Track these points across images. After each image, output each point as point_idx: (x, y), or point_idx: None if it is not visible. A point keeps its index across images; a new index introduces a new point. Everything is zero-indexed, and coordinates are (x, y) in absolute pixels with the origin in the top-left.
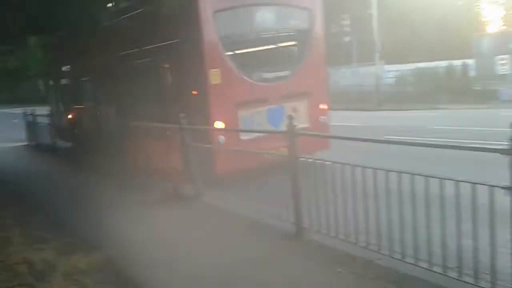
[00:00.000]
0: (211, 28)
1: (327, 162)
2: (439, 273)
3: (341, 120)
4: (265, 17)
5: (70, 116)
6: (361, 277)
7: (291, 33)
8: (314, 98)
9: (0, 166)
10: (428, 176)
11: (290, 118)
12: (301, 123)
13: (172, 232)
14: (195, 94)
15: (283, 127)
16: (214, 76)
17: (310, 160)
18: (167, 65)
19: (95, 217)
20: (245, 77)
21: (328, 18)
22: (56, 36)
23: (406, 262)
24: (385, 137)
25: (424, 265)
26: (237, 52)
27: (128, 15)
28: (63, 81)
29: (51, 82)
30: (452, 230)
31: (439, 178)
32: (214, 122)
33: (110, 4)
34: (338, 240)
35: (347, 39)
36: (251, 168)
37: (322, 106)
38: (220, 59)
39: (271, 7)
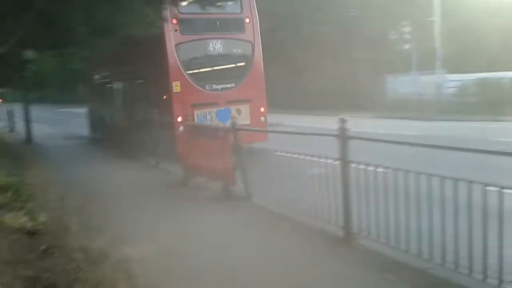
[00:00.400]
0: (174, 55)
1: (378, 169)
2: (494, 285)
3: (396, 128)
4: (215, 46)
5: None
6: (411, 286)
7: (235, 57)
8: (255, 103)
9: (65, 160)
10: (487, 185)
11: (233, 117)
12: (244, 121)
13: (219, 231)
14: (165, 98)
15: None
16: (176, 87)
17: (361, 166)
18: (151, 78)
19: (147, 211)
20: (199, 87)
21: (387, 25)
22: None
23: (459, 272)
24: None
25: (479, 276)
26: (193, 70)
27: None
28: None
29: (89, 85)
30: (510, 243)
31: (498, 187)
32: (177, 117)
33: None
34: (388, 247)
35: (406, 46)
36: None
37: (261, 109)
38: (181, 75)
39: (220, 39)
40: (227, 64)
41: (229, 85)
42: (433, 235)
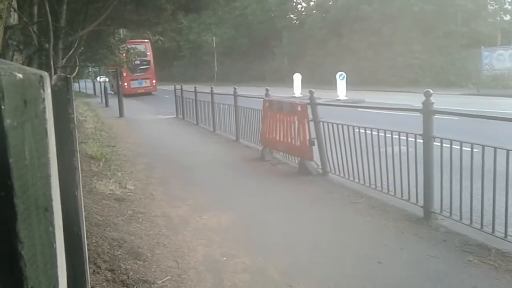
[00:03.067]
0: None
1: (464, 147)
2: None
3: (491, 107)
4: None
5: None
6: (494, 268)
7: (144, 64)
8: (151, 78)
9: (152, 134)
10: None
11: (144, 83)
12: (147, 85)
13: (294, 205)
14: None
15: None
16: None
17: (446, 141)
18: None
19: (225, 184)
20: (129, 73)
21: None
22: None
23: None
24: None
25: None
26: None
27: None
28: None
29: None
30: None
31: None
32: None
33: None
34: (471, 228)
35: (507, 17)
36: None
37: (153, 81)
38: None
39: (140, 60)
40: (141, 66)
41: (142, 73)
42: None
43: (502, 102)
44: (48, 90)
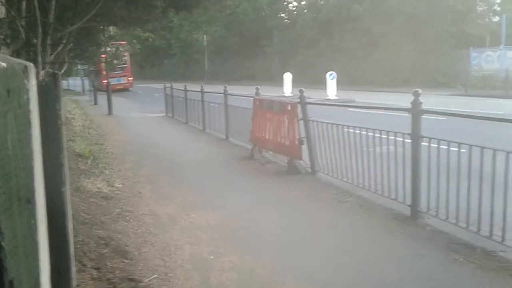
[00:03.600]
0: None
1: (451, 147)
2: None
3: (479, 107)
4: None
5: None
6: (479, 267)
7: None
8: (128, 76)
9: (140, 131)
10: None
11: (122, 80)
12: (124, 82)
13: (282, 203)
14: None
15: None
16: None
17: (433, 141)
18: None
19: (214, 182)
20: (109, 72)
21: None
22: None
23: None
24: None
25: None
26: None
27: None
28: None
29: None
30: None
31: None
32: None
33: None
34: (457, 227)
35: (496, 19)
36: None
37: (130, 78)
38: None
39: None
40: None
41: (119, 71)
42: (506, 217)
43: (489, 102)
44: (33, 82)
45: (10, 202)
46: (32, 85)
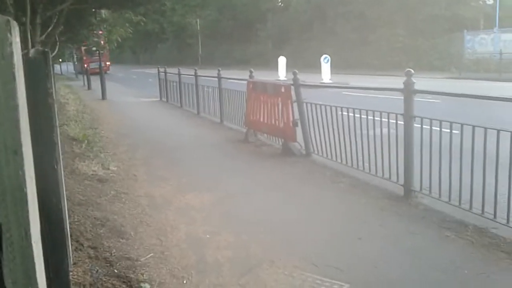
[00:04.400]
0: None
1: (444, 128)
2: None
3: (473, 90)
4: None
5: None
6: (471, 244)
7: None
8: (105, 61)
9: (135, 115)
10: None
11: (100, 65)
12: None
13: (277, 185)
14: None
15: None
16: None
17: (425, 122)
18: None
19: (209, 165)
20: (89, 57)
21: None
22: None
23: None
24: None
25: None
26: None
27: None
28: None
29: None
30: None
31: None
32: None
33: None
34: (450, 205)
35: (490, 2)
36: None
37: (108, 63)
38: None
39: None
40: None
41: (98, 57)
42: (497, 194)
43: (483, 85)
44: (17, 39)
45: None
46: (16, 41)
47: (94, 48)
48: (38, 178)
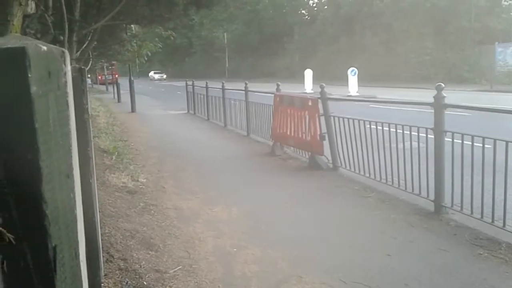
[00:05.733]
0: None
1: (476, 142)
2: None
3: (506, 103)
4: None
5: None
6: (504, 262)
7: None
8: (114, 74)
9: (164, 130)
10: None
11: (110, 77)
12: (112, 78)
13: (304, 198)
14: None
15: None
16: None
17: (457, 136)
18: None
19: (236, 178)
20: (101, 72)
21: None
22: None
23: None
24: None
25: None
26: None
27: None
28: None
29: None
30: None
31: None
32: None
33: None
34: (482, 222)
35: None
36: None
37: (116, 76)
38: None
39: None
40: (109, 66)
41: (109, 70)
42: None
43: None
44: (69, 67)
45: (52, 175)
46: (68, 70)
47: (106, 64)
48: None
